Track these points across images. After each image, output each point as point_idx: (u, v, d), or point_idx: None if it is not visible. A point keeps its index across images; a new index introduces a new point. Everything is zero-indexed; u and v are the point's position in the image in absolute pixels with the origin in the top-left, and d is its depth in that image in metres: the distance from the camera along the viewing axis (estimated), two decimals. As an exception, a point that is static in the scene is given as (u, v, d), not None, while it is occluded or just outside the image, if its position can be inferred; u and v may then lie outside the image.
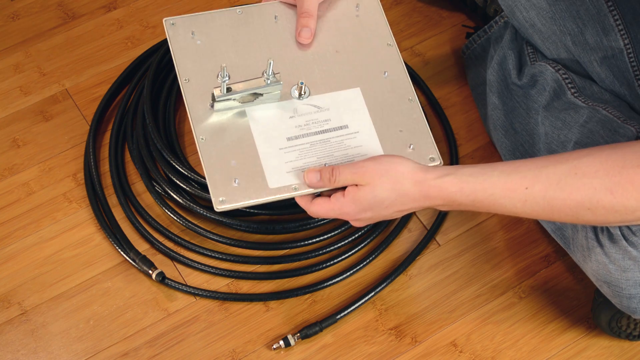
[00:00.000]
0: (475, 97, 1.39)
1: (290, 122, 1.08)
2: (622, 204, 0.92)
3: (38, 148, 1.35)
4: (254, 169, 1.05)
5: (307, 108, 1.09)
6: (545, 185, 0.95)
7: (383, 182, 0.97)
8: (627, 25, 1.16)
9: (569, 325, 1.24)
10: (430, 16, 1.50)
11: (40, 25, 1.46)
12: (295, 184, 1.04)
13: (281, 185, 1.04)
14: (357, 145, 1.07)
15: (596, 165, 0.93)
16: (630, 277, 1.04)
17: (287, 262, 1.26)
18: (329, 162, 1.05)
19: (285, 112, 1.08)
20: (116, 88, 1.39)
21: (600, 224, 0.98)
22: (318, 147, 1.07)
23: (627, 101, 1.19)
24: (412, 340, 1.22)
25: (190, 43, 1.13)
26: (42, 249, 1.27)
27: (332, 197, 1.01)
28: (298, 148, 1.07)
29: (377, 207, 1.00)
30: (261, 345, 1.21)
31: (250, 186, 1.04)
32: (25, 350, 1.20)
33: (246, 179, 1.04)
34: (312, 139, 1.07)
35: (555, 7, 1.20)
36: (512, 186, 0.96)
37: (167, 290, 1.24)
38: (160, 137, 1.30)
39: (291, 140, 1.07)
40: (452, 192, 0.97)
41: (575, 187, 0.93)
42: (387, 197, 0.98)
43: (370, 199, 0.99)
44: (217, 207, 1.03)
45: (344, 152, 1.06)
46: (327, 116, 1.09)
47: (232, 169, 1.05)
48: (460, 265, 1.28)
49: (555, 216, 0.97)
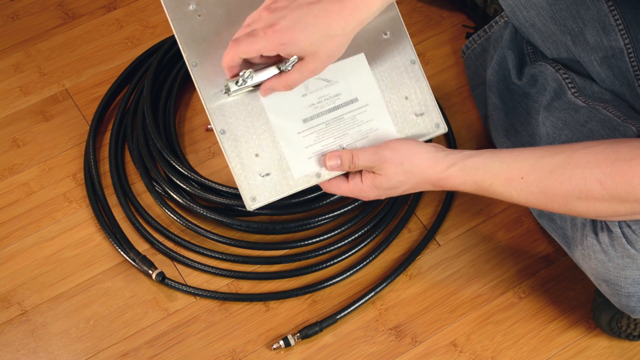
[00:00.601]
0: (475, 97, 1.39)
1: (303, 101, 1.07)
2: (611, 194, 0.93)
3: (38, 148, 1.35)
4: (278, 161, 1.05)
5: (318, 83, 1.08)
6: (539, 175, 0.98)
7: (398, 173, 1.03)
8: (627, 25, 1.16)
9: (569, 325, 1.24)
10: (430, 16, 1.50)
11: (40, 25, 1.46)
12: (318, 171, 1.06)
13: (305, 174, 1.05)
14: (369, 120, 1.08)
15: (589, 157, 0.95)
16: (629, 275, 1.04)
17: (287, 262, 1.26)
18: (346, 142, 1.07)
19: (297, 90, 1.07)
20: (116, 88, 1.39)
21: (591, 215, 0.99)
22: (333, 126, 1.07)
23: (627, 101, 1.19)
24: (412, 340, 1.22)
25: (191, 18, 1.06)
26: (42, 249, 1.27)
27: (351, 181, 1.06)
28: (315, 130, 1.07)
29: (392, 191, 1.06)
30: (261, 345, 1.21)
31: (277, 180, 1.05)
32: (25, 350, 1.20)
33: (273, 172, 1.05)
34: (327, 118, 1.07)
35: (556, 6, 1.20)
36: (509, 176, 1.00)
37: (167, 290, 1.24)
38: (160, 137, 1.30)
39: (307, 122, 1.07)
40: (456, 183, 1.03)
41: (567, 176, 0.96)
42: (402, 184, 1.05)
43: (386, 186, 1.05)
44: (250, 206, 1.04)
45: (358, 128, 1.08)
46: (337, 90, 1.08)
47: (256, 162, 1.05)
48: (460, 265, 1.28)
49: (548, 205, 0.99)
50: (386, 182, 1.04)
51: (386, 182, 1.04)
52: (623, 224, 1.02)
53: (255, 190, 1.04)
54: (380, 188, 1.05)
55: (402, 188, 1.05)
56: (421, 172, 1.03)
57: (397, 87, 1.10)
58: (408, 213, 1.31)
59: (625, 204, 0.93)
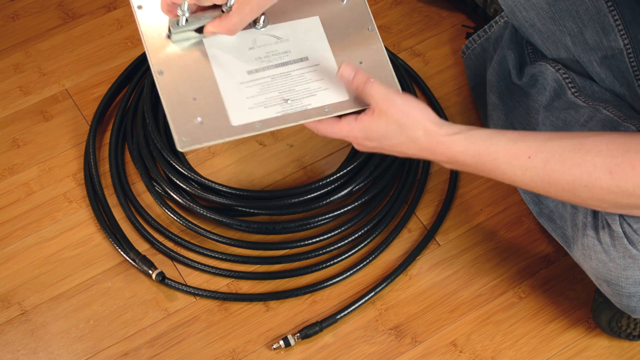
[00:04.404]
0: (475, 97, 1.39)
1: (250, 53, 1.06)
2: (619, 186, 0.93)
3: (38, 148, 1.35)
4: (216, 106, 1.02)
5: (267, 38, 1.07)
6: (547, 156, 0.95)
7: (399, 121, 0.99)
8: (627, 25, 1.16)
9: (569, 325, 1.24)
10: (430, 16, 1.50)
11: (40, 25, 1.46)
12: (258, 122, 1.02)
13: (244, 122, 1.02)
14: (318, 79, 1.06)
15: (601, 145, 0.93)
16: (630, 275, 1.04)
17: (287, 262, 1.26)
18: (291, 97, 1.04)
19: (244, 43, 1.06)
20: (116, 88, 1.39)
21: (594, 205, 0.98)
22: (279, 80, 1.05)
23: (627, 101, 1.19)
24: (412, 340, 1.22)
25: None
26: (42, 249, 1.27)
27: (344, 120, 1.03)
28: (259, 82, 1.04)
29: (384, 141, 1.01)
30: (261, 345, 1.21)
31: (213, 125, 1.01)
32: (25, 350, 1.20)
33: (209, 117, 1.01)
34: (273, 72, 1.05)
35: (555, 7, 1.20)
36: (516, 153, 0.97)
37: (167, 290, 1.24)
38: (160, 137, 1.30)
39: (252, 74, 1.05)
40: (457, 151, 0.99)
41: (577, 162, 0.94)
42: (396, 137, 1.00)
43: (380, 132, 1.01)
44: (180, 147, 0.99)
45: (306, 86, 1.05)
46: (287, 47, 1.07)
47: (193, 105, 1.01)
48: (460, 265, 1.28)
49: (552, 189, 0.97)
50: (383, 127, 1.00)
51: (383, 126, 1.00)
52: (625, 223, 1.01)
53: (188, 132, 1.00)
54: (373, 132, 1.01)
55: (395, 140, 1.01)
56: (422, 130, 0.99)
57: (351, 51, 1.07)
58: (408, 213, 1.31)
59: (631, 197, 0.93)
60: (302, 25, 1.08)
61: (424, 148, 1.00)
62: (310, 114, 1.04)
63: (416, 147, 1.01)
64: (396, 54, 1.44)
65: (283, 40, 1.07)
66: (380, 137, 1.01)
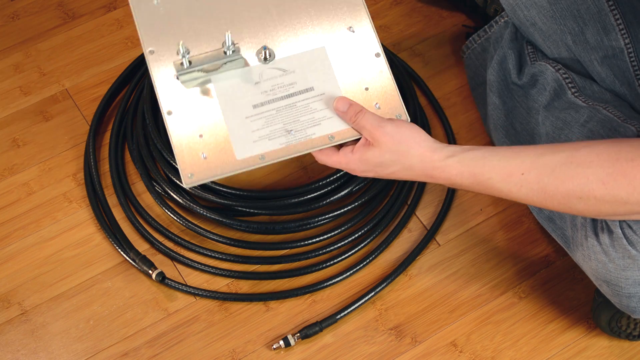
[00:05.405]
0: (475, 97, 1.39)
1: (256, 88, 1.07)
2: (612, 195, 0.93)
3: (38, 148, 1.35)
4: (221, 142, 1.05)
5: (273, 72, 1.08)
6: (540, 172, 0.96)
7: (393, 150, 1.02)
8: (627, 24, 1.16)
9: (569, 325, 1.24)
10: (430, 16, 1.50)
11: (40, 25, 1.46)
12: (261, 154, 1.04)
13: (248, 155, 1.04)
14: (323, 108, 1.07)
15: (591, 156, 0.94)
16: (630, 275, 1.04)
17: (287, 262, 1.26)
18: (295, 127, 1.06)
19: (251, 78, 1.08)
20: (116, 88, 1.39)
21: (592, 215, 0.98)
22: (284, 112, 1.07)
23: (628, 101, 1.19)
24: (412, 340, 1.22)
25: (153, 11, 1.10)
26: (42, 249, 1.27)
27: (341, 151, 1.05)
28: (264, 115, 1.06)
29: (380, 170, 1.04)
30: (261, 345, 1.21)
31: (218, 160, 1.04)
32: (25, 350, 1.20)
33: (214, 153, 1.04)
34: (278, 105, 1.07)
35: (556, 5, 1.20)
36: (509, 171, 0.98)
37: (167, 290, 1.24)
38: (160, 137, 1.30)
39: (257, 108, 1.06)
40: (453, 174, 1.01)
41: (569, 175, 0.95)
42: (392, 165, 1.03)
43: (375, 162, 1.03)
44: (186, 183, 1.03)
45: (310, 115, 1.07)
46: (293, 79, 1.08)
47: (199, 142, 1.05)
48: (460, 265, 1.28)
49: (548, 203, 0.98)
50: (378, 157, 1.02)
51: (378, 156, 1.02)
52: (624, 224, 1.02)
53: (194, 168, 1.03)
54: (369, 163, 1.03)
55: (391, 169, 1.03)
56: (416, 157, 1.02)
57: (358, 79, 1.09)
58: (408, 213, 1.31)
59: (627, 205, 0.93)
60: (308, 56, 1.09)
61: (420, 174, 1.03)
62: (315, 143, 1.06)
63: (413, 173, 1.03)
64: (396, 54, 1.44)
65: (289, 73, 1.08)
66: (376, 166, 1.03)
